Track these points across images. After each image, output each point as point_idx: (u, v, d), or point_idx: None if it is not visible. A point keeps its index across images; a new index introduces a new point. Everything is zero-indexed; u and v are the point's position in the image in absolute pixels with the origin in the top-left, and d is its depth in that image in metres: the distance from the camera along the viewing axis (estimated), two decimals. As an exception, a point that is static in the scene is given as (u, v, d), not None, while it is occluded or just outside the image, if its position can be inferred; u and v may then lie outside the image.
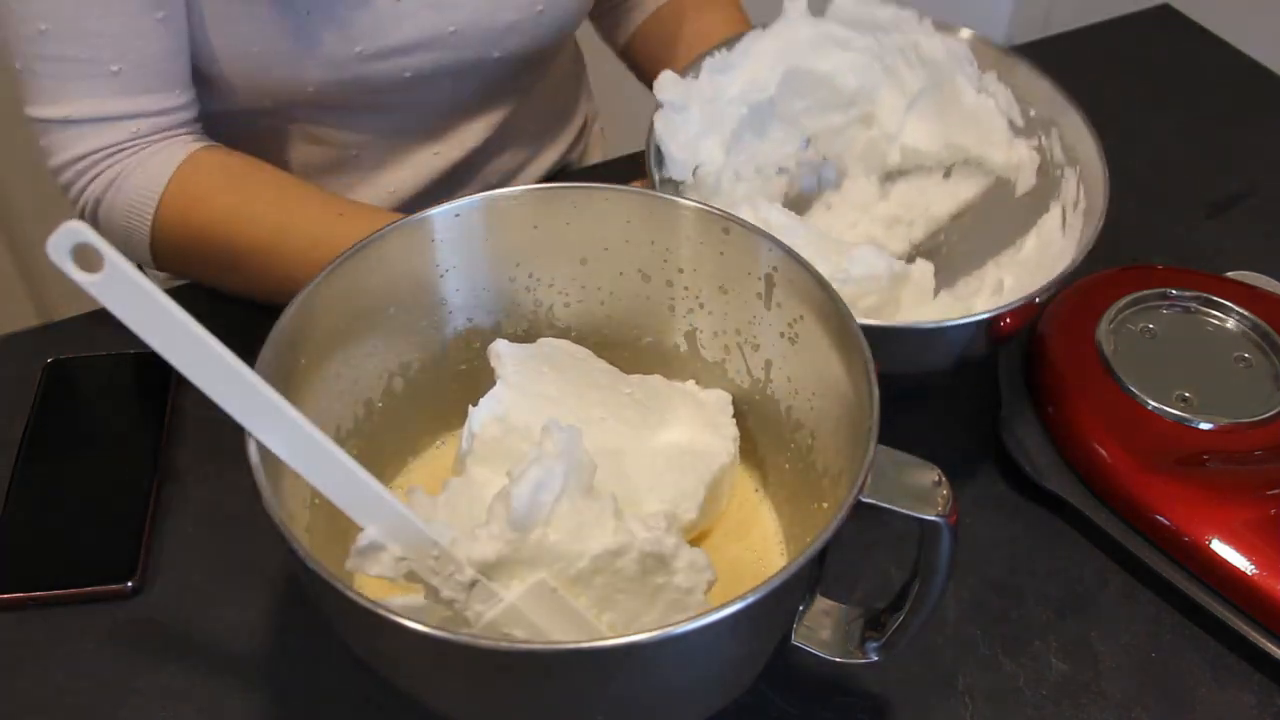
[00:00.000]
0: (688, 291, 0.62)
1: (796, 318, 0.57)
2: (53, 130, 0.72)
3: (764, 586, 0.43)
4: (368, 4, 0.75)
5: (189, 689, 0.60)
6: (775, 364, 0.60)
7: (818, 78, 0.77)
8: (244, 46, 0.75)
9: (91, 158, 0.73)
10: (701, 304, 0.62)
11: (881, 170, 0.81)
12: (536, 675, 0.44)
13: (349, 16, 0.75)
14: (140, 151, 0.73)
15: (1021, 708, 0.61)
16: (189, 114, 0.76)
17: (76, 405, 0.74)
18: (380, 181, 0.88)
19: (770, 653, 0.51)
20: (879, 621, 0.54)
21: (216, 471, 0.70)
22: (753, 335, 0.61)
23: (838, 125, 0.80)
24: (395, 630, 0.42)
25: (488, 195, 0.59)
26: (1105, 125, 0.72)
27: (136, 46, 0.71)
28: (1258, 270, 0.82)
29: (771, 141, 0.79)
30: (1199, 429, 0.67)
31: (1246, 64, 1.08)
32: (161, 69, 0.73)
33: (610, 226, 0.60)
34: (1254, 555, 0.62)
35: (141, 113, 0.73)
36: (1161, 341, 0.73)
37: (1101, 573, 0.67)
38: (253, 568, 0.65)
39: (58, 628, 0.63)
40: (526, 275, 0.62)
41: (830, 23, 0.77)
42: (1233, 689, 0.62)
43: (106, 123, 0.72)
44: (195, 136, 0.76)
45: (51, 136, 0.73)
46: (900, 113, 0.78)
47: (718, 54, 0.75)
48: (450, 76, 0.82)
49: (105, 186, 0.73)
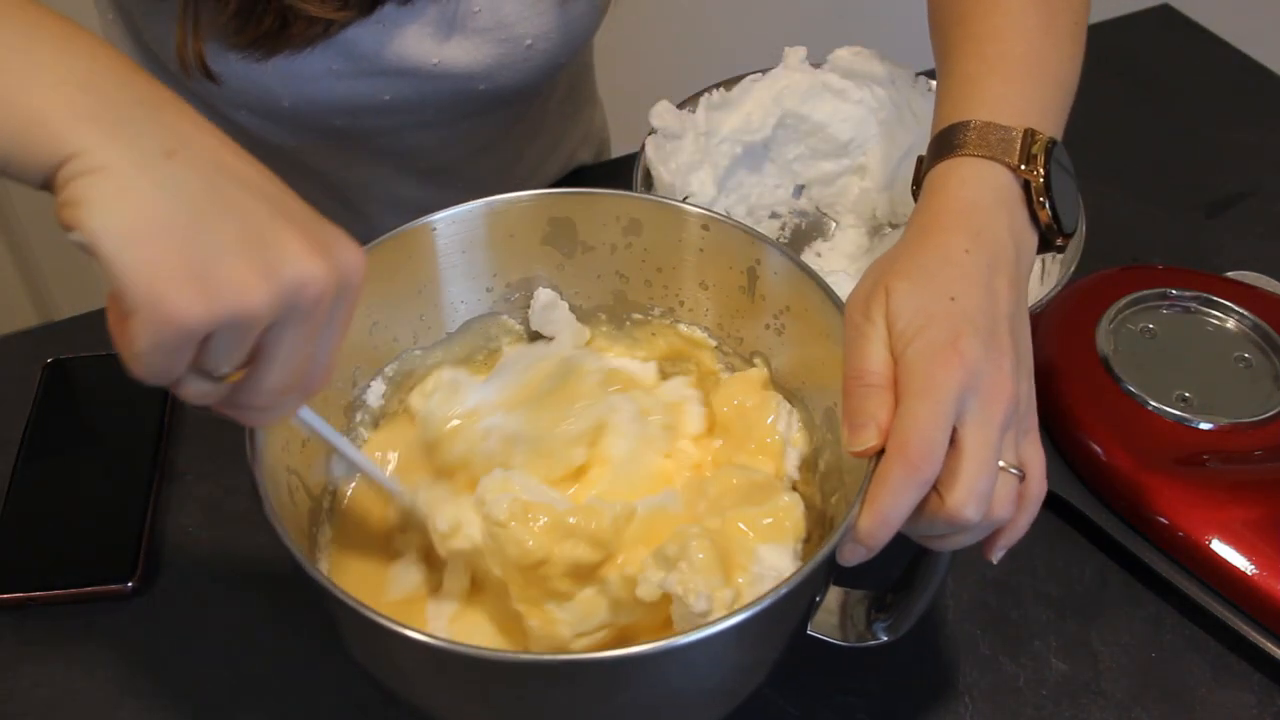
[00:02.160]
0: (667, 290, 0.62)
1: (782, 309, 0.57)
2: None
3: (784, 585, 0.43)
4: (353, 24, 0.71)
5: (189, 689, 0.60)
6: (762, 356, 0.60)
7: (812, 125, 0.78)
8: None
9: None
10: (682, 301, 0.62)
11: (871, 222, 0.81)
12: (541, 684, 0.44)
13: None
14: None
15: (1021, 708, 0.61)
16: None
17: (76, 405, 0.73)
18: (368, 214, 0.88)
19: (786, 648, 0.51)
20: (885, 603, 0.54)
21: (216, 471, 0.70)
22: (736, 329, 0.61)
23: (830, 174, 0.81)
24: (396, 639, 0.42)
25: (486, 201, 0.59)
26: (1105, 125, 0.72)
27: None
28: (1258, 270, 0.82)
29: (765, 186, 0.80)
30: (1199, 429, 0.67)
31: (1246, 64, 1.08)
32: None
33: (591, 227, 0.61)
34: (1254, 555, 0.62)
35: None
36: (1161, 341, 0.73)
37: (1101, 573, 0.67)
38: (253, 568, 0.65)
39: (58, 628, 0.63)
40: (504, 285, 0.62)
41: (828, 73, 0.78)
42: (1233, 689, 0.62)
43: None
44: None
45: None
46: (892, 166, 0.79)
47: (715, 92, 0.76)
48: (433, 108, 0.78)
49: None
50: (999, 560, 0.51)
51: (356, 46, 0.71)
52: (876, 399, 0.48)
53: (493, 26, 0.74)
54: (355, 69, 0.72)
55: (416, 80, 0.74)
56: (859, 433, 0.47)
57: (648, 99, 0.74)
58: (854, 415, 0.48)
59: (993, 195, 0.53)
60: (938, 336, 0.47)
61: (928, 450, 0.45)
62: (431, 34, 0.73)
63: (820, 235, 0.82)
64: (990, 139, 0.54)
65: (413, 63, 0.73)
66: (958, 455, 0.46)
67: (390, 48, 0.72)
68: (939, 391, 0.46)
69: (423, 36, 0.73)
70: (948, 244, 0.51)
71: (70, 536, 0.66)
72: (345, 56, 0.72)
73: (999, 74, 0.58)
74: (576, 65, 0.98)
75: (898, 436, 0.46)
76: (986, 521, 0.47)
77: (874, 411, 0.47)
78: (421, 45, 0.73)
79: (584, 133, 1.03)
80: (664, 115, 0.73)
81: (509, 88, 0.78)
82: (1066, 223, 0.55)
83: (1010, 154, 0.53)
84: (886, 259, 0.52)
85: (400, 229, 0.57)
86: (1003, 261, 0.51)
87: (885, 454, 0.47)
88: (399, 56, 0.73)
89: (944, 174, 0.54)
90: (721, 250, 0.59)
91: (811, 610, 0.51)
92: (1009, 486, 0.48)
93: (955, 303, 0.48)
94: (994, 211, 0.53)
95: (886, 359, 0.48)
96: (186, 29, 0.69)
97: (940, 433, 0.46)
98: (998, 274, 0.50)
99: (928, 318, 0.48)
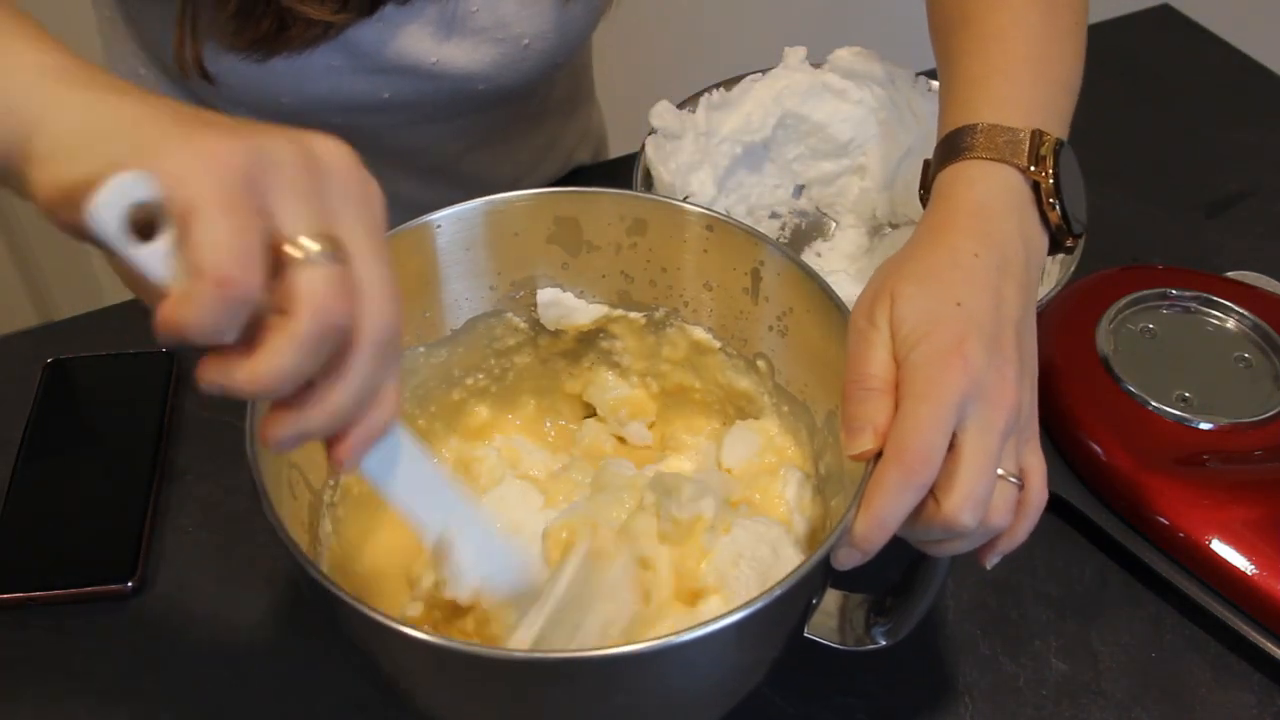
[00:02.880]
0: (671, 290, 0.62)
1: (785, 310, 0.57)
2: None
3: (779, 586, 0.43)
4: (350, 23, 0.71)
5: (189, 689, 0.60)
6: (765, 357, 0.60)
7: (812, 125, 0.78)
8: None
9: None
10: (686, 302, 0.62)
11: (871, 222, 0.81)
12: (540, 683, 0.44)
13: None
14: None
15: (1021, 708, 0.61)
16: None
17: (76, 405, 0.73)
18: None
19: (783, 649, 0.51)
20: (884, 607, 0.54)
21: (216, 471, 0.70)
22: (740, 330, 0.61)
23: (830, 174, 0.81)
24: (396, 638, 0.42)
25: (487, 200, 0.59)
26: (1105, 125, 0.72)
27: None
28: (1258, 270, 0.82)
29: (765, 185, 0.80)
30: (1199, 429, 0.67)
31: (1246, 64, 1.08)
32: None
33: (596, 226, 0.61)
34: (1254, 555, 0.62)
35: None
36: (1161, 341, 0.73)
37: (1101, 573, 0.67)
38: (253, 568, 0.65)
39: (58, 628, 0.63)
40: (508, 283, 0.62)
41: (828, 73, 0.78)
42: (1233, 689, 0.62)
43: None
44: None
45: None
46: (892, 166, 0.79)
47: (715, 92, 0.76)
48: (431, 105, 0.78)
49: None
50: (993, 566, 0.51)
51: (357, 44, 0.71)
52: (875, 403, 0.47)
53: (491, 26, 0.74)
54: (354, 66, 0.73)
55: (415, 78, 0.74)
56: (856, 436, 0.47)
57: (647, 99, 0.75)
58: (852, 419, 0.48)
59: (1003, 197, 0.53)
60: (942, 341, 0.47)
61: (925, 454, 0.45)
62: (431, 33, 0.73)
63: (820, 235, 0.82)
64: (998, 141, 0.54)
65: (412, 61, 0.73)
66: (956, 461, 0.46)
67: (390, 46, 0.72)
68: (940, 396, 0.46)
69: (422, 36, 0.73)
70: (957, 247, 0.51)
71: (70, 536, 0.66)
72: (345, 54, 0.72)
73: (1003, 75, 0.58)
74: (574, 65, 0.98)
75: (896, 440, 0.46)
76: (984, 528, 0.47)
77: (872, 415, 0.47)
78: (421, 44, 0.73)
79: (582, 132, 1.03)
80: (664, 115, 0.73)
81: (507, 87, 0.78)
82: (1076, 224, 0.54)
83: (1019, 155, 0.53)
84: (894, 262, 0.52)
85: (404, 226, 0.57)
86: (1013, 266, 0.51)
87: (883, 457, 0.46)
88: (398, 55, 0.73)
89: (953, 177, 0.54)
90: (726, 251, 0.59)
91: (809, 612, 0.51)
92: (1007, 494, 0.47)
93: (961, 307, 0.48)
94: (1005, 214, 0.52)
95: (888, 363, 0.48)
96: (185, 30, 0.69)
97: (939, 437, 0.46)
98: (1006, 279, 0.50)
99: (933, 322, 0.48)
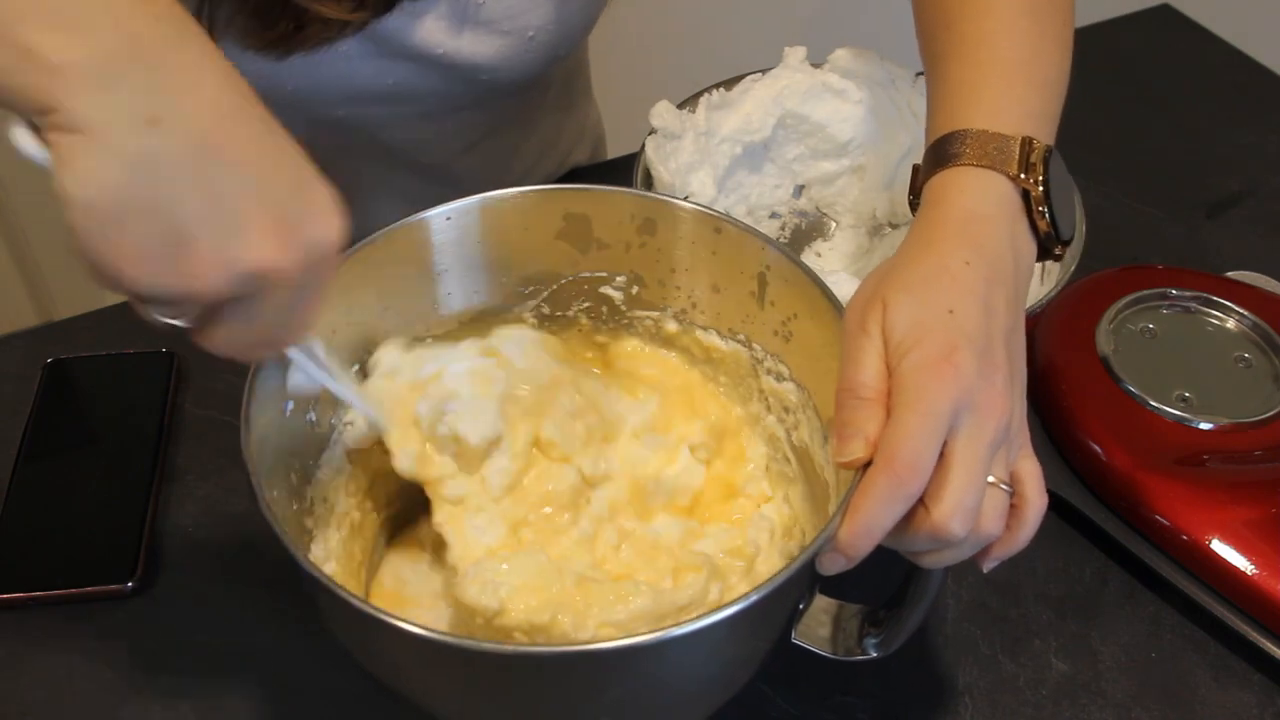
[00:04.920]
0: (679, 291, 0.62)
1: (790, 316, 0.57)
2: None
3: (764, 586, 0.43)
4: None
5: (189, 689, 0.60)
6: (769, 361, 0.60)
7: (812, 125, 0.78)
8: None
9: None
10: (694, 304, 0.62)
11: (871, 222, 0.81)
12: (533, 677, 0.44)
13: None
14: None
15: (1021, 708, 0.61)
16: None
17: (76, 405, 0.74)
18: (366, 207, 0.88)
19: (769, 651, 0.51)
20: (877, 618, 0.54)
21: (216, 471, 0.70)
22: (746, 334, 0.61)
23: (830, 174, 0.81)
24: (392, 633, 0.42)
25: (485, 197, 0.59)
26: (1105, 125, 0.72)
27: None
28: (1258, 270, 0.82)
29: (765, 185, 0.80)
30: (1199, 429, 0.67)
31: (1246, 64, 1.08)
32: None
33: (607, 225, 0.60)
34: (1254, 555, 0.62)
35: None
36: (1161, 341, 0.73)
37: (1101, 573, 0.67)
38: (253, 568, 0.65)
39: (58, 628, 0.63)
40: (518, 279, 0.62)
41: (828, 73, 0.78)
42: (1233, 689, 0.62)
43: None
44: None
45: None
46: (891, 166, 0.79)
47: (715, 92, 0.76)
48: (435, 96, 0.79)
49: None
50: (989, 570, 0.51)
51: (370, 31, 0.72)
52: (866, 411, 0.47)
53: (498, 18, 0.74)
54: (364, 51, 0.73)
55: (423, 68, 0.75)
56: (846, 444, 0.47)
57: (647, 99, 0.75)
58: (843, 427, 0.48)
59: (994, 206, 0.53)
60: (933, 350, 0.47)
61: (915, 462, 0.45)
62: (445, 26, 0.74)
63: (820, 235, 0.82)
64: (988, 148, 0.54)
65: (420, 50, 0.74)
66: (946, 469, 0.46)
67: (402, 36, 0.73)
68: (931, 404, 0.46)
69: (435, 28, 0.74)
70: (948, 256, 0.50)
71: (70, 536, 0.66)
72: (356, 39, 0.72)
73: (992, 81, 0.57)
74: (571, 61, 0.98)
75: (886, 447, 0.46)
76: (974, 537, 0.47)
77: (863, 424, 0.47)
78: (432, 35, 0.74)
79: (579, 130, 1.03)
80: (664, 115, 0.73)
81: (509, 79, 0.79)
82: (1065, 231, 0.54)
83: (1009, 163, 0.53)
84: (884, 268, 0.52)
85: (411, 218, 0.57)
86: (1002, 275, 0.51)
87: (872, 464, 0.46)
88: (410, 44, 0.74)
89: (942, 184, 0.54)
90: (734, 254, 0.59)
91: (796, 615, 0.51)
92: (998, 502, 0.47)
93: (953, 316, 0.48)
94: (995, 222, 0.52)
95: (881, 371, 0.48)
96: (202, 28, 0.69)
97: (929, 446, 0.45)
98: (996, 289, 0.50)
99: (924, 331, 0.48)
